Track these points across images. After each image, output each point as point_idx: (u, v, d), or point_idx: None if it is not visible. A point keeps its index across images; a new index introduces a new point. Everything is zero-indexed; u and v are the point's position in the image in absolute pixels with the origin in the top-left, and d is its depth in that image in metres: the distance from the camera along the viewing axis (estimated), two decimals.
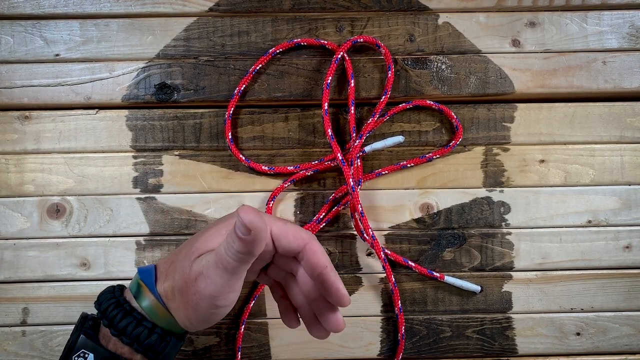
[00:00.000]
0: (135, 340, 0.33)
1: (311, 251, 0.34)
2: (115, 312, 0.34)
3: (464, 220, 0.48)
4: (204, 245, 0.34)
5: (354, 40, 0.46)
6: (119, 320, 0.33)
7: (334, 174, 0.48)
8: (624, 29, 0.48)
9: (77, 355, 0.34)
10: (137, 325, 0.33)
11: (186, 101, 0.48)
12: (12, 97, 0.47)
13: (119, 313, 0.34)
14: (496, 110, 0.48)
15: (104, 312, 0.34)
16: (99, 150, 0.48)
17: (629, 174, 0.48)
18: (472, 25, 0.48)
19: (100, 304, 0.35)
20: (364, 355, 0.48)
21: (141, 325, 0.33)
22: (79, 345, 0.34)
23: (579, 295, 0.48)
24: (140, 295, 0.34)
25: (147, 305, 0.34)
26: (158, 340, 0.34)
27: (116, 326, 0.33)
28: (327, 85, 0.46)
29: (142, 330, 0.33)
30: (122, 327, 0.33)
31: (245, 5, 0.48)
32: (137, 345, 0.33)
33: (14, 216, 0.47)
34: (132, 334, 0.33)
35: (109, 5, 0.47)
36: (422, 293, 0.48)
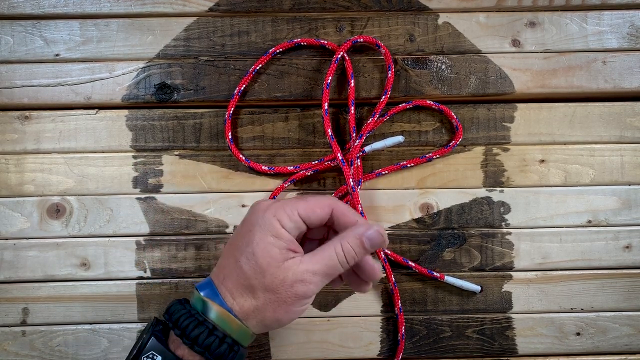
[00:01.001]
0: (207, 349, 0.34)
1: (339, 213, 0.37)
2: (188, 322, 0.35)
3: (464, 220, 0.48)
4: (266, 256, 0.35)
5: (354, 40, 0.46)
6: (192, 330, 0.34)
7: (334, 174, 0.48)
8: (624, 29, 0.48)
9: (146, 355, 0.35)
10: (208, 335, 0.34)
11: (186, 101, 0.48)
12: (12, 97, 0.47)
13: (191, 323, 0.35)
14: (496, 110, 0.48)
15: (175, 321, 0.35)
16: (99, 150, 0.48)
17: (629, 174, 0.48)
18: (472, 25, 0.48)
19: (172, 314, 0.36)
20: (364, 355, 0.48)
21: (213, 335, 0.34)
22: (149, 347, 0.35)
23: (579, 295, 0.48)
24: (208, 309, 0.35)
25: (216, 317, 0.35)
26: (227, 349, 0.35)
27: (188, 335, 0.34)
28: (327, 85, 0.46)
29: (213, 339, 0.34)
30: (194, 336, 0.34)
31: (245, 5, 0.48)
32: (208, 354, 0.34)
33: (14, 216, 0.47)
34: (204, 343, 0.34)
35: (109, 5, 0.47)
36: (422, 293, 0.48)
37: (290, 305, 0.35)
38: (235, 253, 0.36)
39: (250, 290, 0.35)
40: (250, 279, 0.35)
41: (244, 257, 0.35)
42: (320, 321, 0.48)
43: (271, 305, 0.35)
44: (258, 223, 0.36)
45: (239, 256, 0.36)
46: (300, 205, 0.36)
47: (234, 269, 0.36)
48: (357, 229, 0.36)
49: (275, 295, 0.35)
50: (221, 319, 0.35)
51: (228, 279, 0.36)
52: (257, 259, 0.35)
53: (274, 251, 0.35)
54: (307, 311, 0.48)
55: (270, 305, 0.35)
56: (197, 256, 0.48)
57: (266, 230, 0.35)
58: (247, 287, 0.35)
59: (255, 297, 0.35)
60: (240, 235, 0.37)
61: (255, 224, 0.36)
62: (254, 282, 0.35)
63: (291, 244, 0.36)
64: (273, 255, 0.35)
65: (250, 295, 0.35)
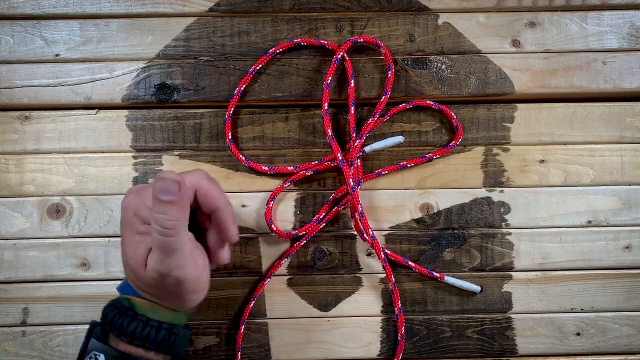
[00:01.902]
0: (146, 340, 0.35)
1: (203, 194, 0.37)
2: (122, 320, 0.35)
3: (464, 221, 0.48)
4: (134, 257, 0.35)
5: (354, 40, 0.46)
6: (127, 326, 0.35)
7: (334, 174, 0.48)
8: (624, 29, 0.48)
9: (89, 357, 0.35)
10: (144, 327, 0.35)
11: (186, 101, 0.48)
12: (12, 97, 0.47)
13: (125, 320, 0.35)
14: (496, 110, 0.48)
15: (110, 322, 0.36)
16: (99, 151, 0.48)
17: (629, 174, 0.48)
18: (472, 25, 0.48)
19: (107, 317, 0.36)
20: (364, 355, 0.48)
21: (148, 326, 0.35)
22: (90, 348, 0.35)
23: (579, 295, 0.48)
24: (135, 306, 0.36)
25: (144, 309, 0.36)
26: (167, 334, 0.36)
27: (125, 332, 0.35)
28: (327, 85, 0.46)
29: (149, 329, 0.35)
30: (131, 331, 0.35)
31: (245, 5, 0.48)
32: (148, 344, 0.35)
33: (14, 216, 0.47)
34: (142, 335, 0.35)
35: (109, 5, 0.47)
36: (422, 293, 0.48)
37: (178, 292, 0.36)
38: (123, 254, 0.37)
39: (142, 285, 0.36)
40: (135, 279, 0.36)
41: (124, 259, 0.36)
42: (320, 321, 0.48)
43: (166, 295, 0.36)
44: (124, 222, 0.36)
45: (123, 258, 0.37)
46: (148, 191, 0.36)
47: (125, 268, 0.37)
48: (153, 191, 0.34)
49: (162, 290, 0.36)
50: (148, 310, 0.36)
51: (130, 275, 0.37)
52: (128, 261, 0.36)
53: (141, 250, 0.35)
54: (307, 311, 0.48)
55: (166, 295, 0.36)
56: None
57: (131, 230, 0.35)
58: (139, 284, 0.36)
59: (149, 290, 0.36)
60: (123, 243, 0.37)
61: (124, 223, 0.36)
62: (137, 283, 0.36)
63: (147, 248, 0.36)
64: (140, 255, 0.35)
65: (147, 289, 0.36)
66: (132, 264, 0.35)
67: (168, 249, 0.34)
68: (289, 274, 0.48)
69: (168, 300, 0.37)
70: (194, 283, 0.36)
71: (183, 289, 0.36)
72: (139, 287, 0.37)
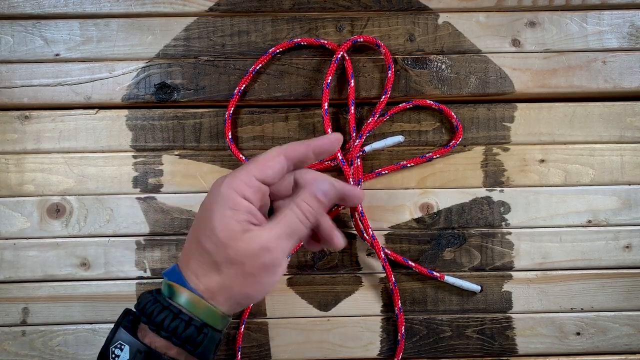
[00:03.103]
0: (173, 334, 0.33)
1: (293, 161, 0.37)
2: (153, 308, 0.34)
3: (464, 220, 0.48)
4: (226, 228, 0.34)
5: (354, 40, 0.46)
6: (156, 315, 0.34)
7: (334, 173, 0.48)
8: (624, 28, 0.48)
9: (114, 346, 0.34)
10: (173, 319, 0.33)
11: (186, 101, 0.48)
12: (12, 97, 0.47)
13: (156, 308, 0.34)
14: (496, 110, 0.48)
15: (142, 309, 0.35)
16: (99, 150, 0.48)
17: (629, 173, 0.48)
18: (472, 25, 0.48)
19: (139, 303, 0.35)
20: (364, 355, 0.48)
21: (178, 319, 0.34)
22: (117, 337, 0.34)
23: (579, 295, 0.48)
24: (175, 294, 0.34)
25: (185, 300, 0.34)
26: (195, 332, 0.34)
27: (154, 321, 0.34)
28: (327, 85, 0.46)
29: (178, 322, 0.33)
30: (159, 321, 0.33)
31: (245, 5, 0.48)
32: (175, 338, 0.33)
33: (14, 216, 0.47)
34: (169, 327, 0.33)
35: (109, 5, 0.47)
36: (422, 293, 0.48)
37: (259, 277, 0.34)
38: (197, 233, 0.35)
39: (214, 266, 0.34)
40: (213, 255, 0.34)
41: (204, 236, 0.34)
42: (320, 321, 0.48)
43: (238, 279, 0.34)
44: (215, 200, 0.35)
45: (200, 236, 0.35)
46: (251, 167, 0.35)
47: (196, 249, 0.35)
48: (310, 185, 0.36)
49: (241, 268, 0.34)
50: (188, 302, 0.34)
51: (192, 260, 0.35)
52: (217, 234, 0.34)
53: (233, 224, 0.34)
54: (307, 311, 0.48)
55: (237, 279, 0.34)
56: None
57: (224, 204, 0.34)
58: (210, 264, 0.34)
59: (220, 273, 0.34)
60: (200, 216, 0.36)
61: (213, 201, 0.35)
62: (217, 257, 0.34)
63: (251, 214, 0.34)
64: (233, 228, 0.34)
65: (215, 272, 0.34)
66: (222, 236, 0.34)
67: (296, 236, 0.35)
68: (289, 274, 0.48)
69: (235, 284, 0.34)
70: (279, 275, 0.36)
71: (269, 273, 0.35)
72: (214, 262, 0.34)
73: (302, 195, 0.36)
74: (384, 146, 0.46)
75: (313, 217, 0.36)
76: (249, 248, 0.34)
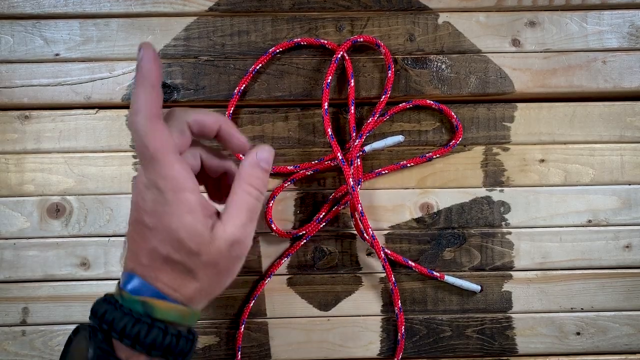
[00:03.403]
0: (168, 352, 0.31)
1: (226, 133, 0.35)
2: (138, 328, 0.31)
3: (464, 220, 0.48)
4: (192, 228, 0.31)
5: (354, 39, 0.46)
6: (145, 335, 0.31)
7: (333, 173, 0.48)
8: (624, 28, 0.48)
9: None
10: (164, 336, 0.31)
11: (186, 101, 0.48)
12: (12, 97, 0.47)
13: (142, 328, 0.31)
14: (496, 110, 0.48)
15: (122, 331, 0.31)
16: (99, 150, 0.48)
17: (629, 173, 0.48)
18: (472, 25, 0.48)
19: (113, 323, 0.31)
20: (364, 355, 0.48)
21: (168, 334, 0.31)
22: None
23: (579, 295, 0.48)
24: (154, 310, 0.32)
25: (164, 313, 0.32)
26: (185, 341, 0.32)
27: (143, 342, 0.31)
28: (327, 85, 0.46)
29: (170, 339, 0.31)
30: (150, 342, 0.31)
31: (245, 5, 0.48)
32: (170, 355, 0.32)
33: (14, 216, 0.47)
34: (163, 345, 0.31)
35: (109, 5, 0.47)
36: (422, 293, 0.48)
37: (232, 269, 0.34)
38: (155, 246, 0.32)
39: (189, 274, 0.32)
40: (185, 264, 0.32)
41: (170, 248, 0.31)
42: (320, 321, 0.48)
43: (215, 278, 0.33)
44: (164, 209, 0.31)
45: (162, 249, 0.32)
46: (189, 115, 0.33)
47: (164, 262, 0.32)
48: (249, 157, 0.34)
49: (216, 268, 0.33)
50: (178, 315, 0.32)
51: (161, 274, 0.32)
52: (185, 244, 0.31)
53: (198, 228, 0.31)
54: (307, 311, 0.48)
55: (214, 278, 0.33)
56: None
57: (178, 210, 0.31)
58: (184, 273, 0.32)
59: (196, 279, 0.32)
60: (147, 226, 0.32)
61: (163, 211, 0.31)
62: (190, 265, 0.32)
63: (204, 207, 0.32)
64: (199, 233, 0.31)
65: (190, 280, 0.32)
66: (191, 244, 0.31)
67: (256, 214, 0.34)
68: (289, 274, 0.48)
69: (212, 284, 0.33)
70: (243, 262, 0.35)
71: (240, 262, 0.34)
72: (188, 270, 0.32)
73: (246, 169, 0.34)
74: (384, 146, 0.46)
75: (264, 188, 0.34)
76: (220, 247, 0.32)
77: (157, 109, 0.31)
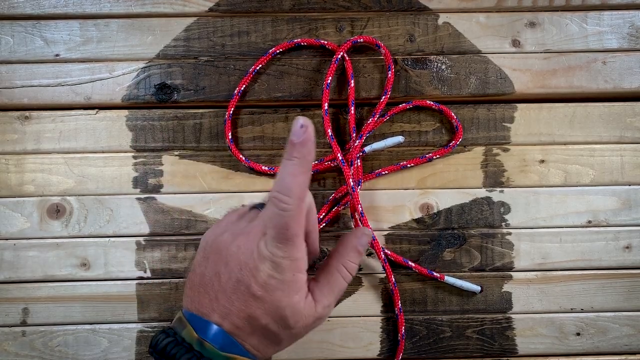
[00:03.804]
0: None
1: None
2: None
3: (464, 221, 0.48)
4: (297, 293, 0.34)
5: (354, 40, 0.46)
6: None
7: (334, 174, 0.48)
8: (624, 29, 0.48)
9: None
10: None
11: (186, 101, 0.48)
12: (12, 97, 0.47)
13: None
14: (496, 111, 0.48)
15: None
16: (99, 151, 0.48)
17: (629, 174, 0.48)
18: (472, 26, 0.48)
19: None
20: (364, 355, 0.48)
21: None
22: None
23: (579, 295, 0.48)
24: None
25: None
26: None
27: None
28: (327, 85, 0.46)
29: None
30: None
31: (245, 5, 0.48)
32: None
33: (14, 216, 0.47)
34: None
35: (109, 5, 0.47)
36: (422, 293, 0.48)
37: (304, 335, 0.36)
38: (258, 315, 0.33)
39: (277, 342, 0.35)
40: (278, 335, 0.34)
41: (270, 320, 0.33)
42: None
43: (290, 343, 0.36)
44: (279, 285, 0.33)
45: (264, 320, 0.33)
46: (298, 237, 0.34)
47: (260, 330, 0.33)
48: (351, 241, 0.37)
49: (297, 337, 0.35)
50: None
51: (252, 338, 0.34)
52: (287, 321, 0.33)
53: (300, 307, 0.34)
54: None
55: (290, 343, 0.36)
56: None
57: (290, 291, 0.33)
58: (273, 341, 0.34)
59: (280, 345, 0.35)
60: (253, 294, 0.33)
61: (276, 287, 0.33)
62: (283, 337, 0.34)
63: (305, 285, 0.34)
64: (300, 312, 0.34)
65: (275, 345, 0.35)
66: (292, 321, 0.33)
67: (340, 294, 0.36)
68: None
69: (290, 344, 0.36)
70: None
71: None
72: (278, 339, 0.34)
73: (346, 254, 0.37)
74: (384, 147, 0.46)
75: (355, 272, 0.37)
76: (308, 323, 0.34)
77: (305, 191, 0.32)
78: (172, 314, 0.47)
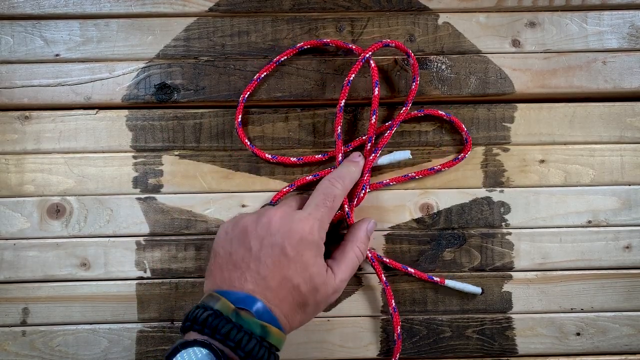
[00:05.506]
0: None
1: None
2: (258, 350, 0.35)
3: (464, 220, 0.48)
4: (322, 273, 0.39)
5: (385, 43, 0.45)
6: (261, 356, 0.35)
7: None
8: (624, 29, 0.48)
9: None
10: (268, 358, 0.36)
11: (186, 101, 0.48)
12: (12, 97, 0.47)
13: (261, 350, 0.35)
14: (496, 110, 0.48)
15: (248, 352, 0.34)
16: (99, 151, 0.48)
17: (629, 174, 0.48)
18: (472, 26, 0.48)
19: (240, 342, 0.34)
20: (363, 355, 0.48)
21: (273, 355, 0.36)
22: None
23: (579, 295, 0.48)
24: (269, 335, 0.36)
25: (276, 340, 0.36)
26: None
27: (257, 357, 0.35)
28: (349, 82, 0.44)
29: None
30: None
31: (245, 5, 0.48)
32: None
33: (14, 216, 0.47)
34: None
35: (109, 5, 0.47)
36: (422, 293, 0.48)
37: (321, 309, 0.41)
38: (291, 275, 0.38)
39: (302, 307, 0.39)
40: (306, 297, 0.38)
41: (301, 280, 0.38)
42: (320, 321, 0.48)
43: (311, 315, 0.40)
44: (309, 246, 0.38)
45: (296, 280, 0.38)
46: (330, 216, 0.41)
47: (291, 292, 0.38)
48: (362, 226, 0.44)
49: (318, 308, 0.40)
50: (279, 341, 0.37)
51: (284, 303, 0.38)
52: (314, 279, 0.38)
53: (323, 270, 0.39)
54: None
55: (311, 315, 0.40)
56: (197, 256, 0.48)
57: (317, 252, 0.39)
58: (300, 306, 0.38)
59: (304, 312, 0.39)
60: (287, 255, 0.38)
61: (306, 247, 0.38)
62: (309, 300, 0.38)
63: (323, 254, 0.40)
64: (323, 274, 0.39)
65: (300, 312, 0.39)
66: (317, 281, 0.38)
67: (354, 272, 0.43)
68: None
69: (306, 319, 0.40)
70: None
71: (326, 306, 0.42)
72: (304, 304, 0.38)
73: (360, 235, 0.43)
74: (390, 161, 0.46)
75: (365, 253, 0.44)
76: (327, 292, 0.39)
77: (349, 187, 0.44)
78: (172, 314, 0.47)
